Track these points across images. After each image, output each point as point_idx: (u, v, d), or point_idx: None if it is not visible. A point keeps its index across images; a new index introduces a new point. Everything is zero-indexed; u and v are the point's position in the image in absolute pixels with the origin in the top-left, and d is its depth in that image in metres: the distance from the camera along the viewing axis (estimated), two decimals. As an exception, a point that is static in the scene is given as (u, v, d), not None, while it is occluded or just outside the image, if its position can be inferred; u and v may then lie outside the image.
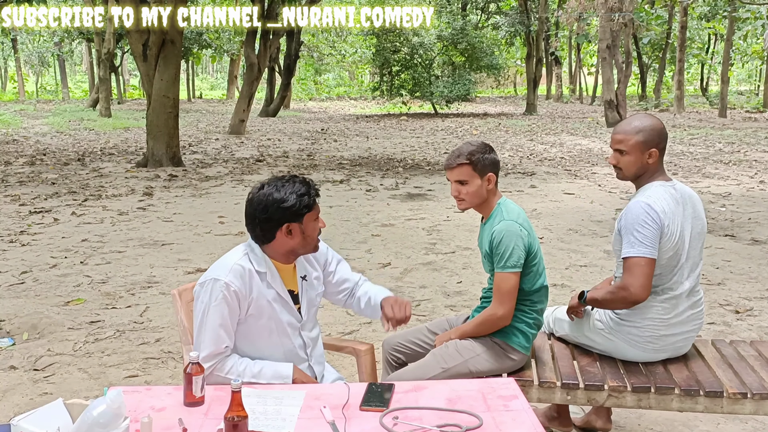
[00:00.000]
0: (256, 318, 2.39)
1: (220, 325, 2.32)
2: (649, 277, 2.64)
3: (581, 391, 2.70)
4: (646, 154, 2.74)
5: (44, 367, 4.06)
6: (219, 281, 2.32)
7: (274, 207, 2.32)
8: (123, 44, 31.03)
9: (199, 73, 57.86)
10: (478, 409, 2.05)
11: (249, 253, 2.41)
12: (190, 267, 6.08)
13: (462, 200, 2.78)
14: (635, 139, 2.73)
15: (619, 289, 2.68)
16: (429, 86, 28.26)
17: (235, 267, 2.35)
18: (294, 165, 13.18)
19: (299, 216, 2.34)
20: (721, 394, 2.63)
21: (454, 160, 2.74)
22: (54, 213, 8.44)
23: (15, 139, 17.28)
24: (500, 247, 2.65)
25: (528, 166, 12.95)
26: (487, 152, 2.75)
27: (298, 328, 2.49)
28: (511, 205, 2.78)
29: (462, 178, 2.73)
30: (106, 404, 1.60)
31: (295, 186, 2.35)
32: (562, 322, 3.07)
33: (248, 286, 2.35)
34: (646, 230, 2.63)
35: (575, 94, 42.06)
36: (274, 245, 2.39)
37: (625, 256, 2.66)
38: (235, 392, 1.84)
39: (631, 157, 2.75)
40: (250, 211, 2.38)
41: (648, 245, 2.63)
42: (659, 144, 2.75)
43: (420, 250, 6.73)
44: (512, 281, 2.66)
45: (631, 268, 2.64)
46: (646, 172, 2.78)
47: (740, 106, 31.22)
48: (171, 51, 12.28)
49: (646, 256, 2.62)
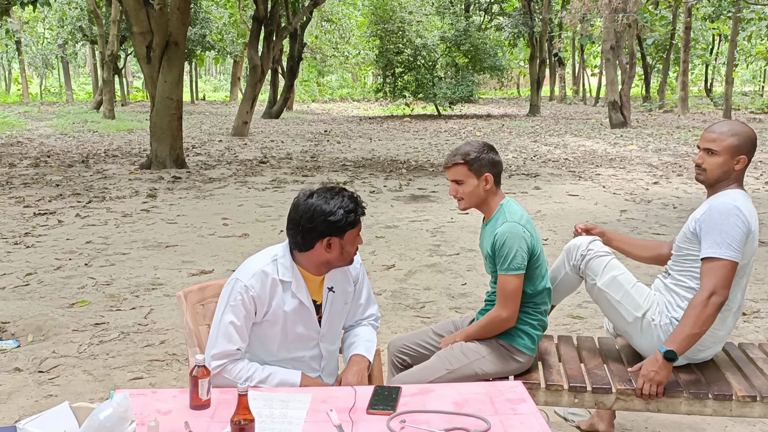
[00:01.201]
0: (272, 324, 2.39)
1: (234, 326, 2.33)
2: (731, 280, 2.52)
3: (589, 394, 2.68)
4: (735, 159, 2.62)
5: (49, 369, 4.06)
6: (240, 283, 2.33)
7: (320, 219, 2.30)
8: (126, 46, 31.10)
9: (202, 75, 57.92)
10: (485, 412, 2.04)
11: (278, 260, 2.39)
12: (194, 269, 6.08)
13: (460, 200, 2.77)
14: (729, 141, 2.62)
15: (706, 298, 2.49)
16: (432, 88, 28.25)
17: (259, 273, 2.35)
18: (297, 167, 13.18)
19: (342, 231, 2.32)
20: (730, 397, 2.61)
21: (451, 159, 2.74)
22: (58, 215, 8.45)
23: (19, 141, 17.31)
24: (503, 249, 2.64)
25: (532, 168, 12.93)
26: (485, 152, 2.72)
27: (317, 339, 2.48)
28: (514, 206, 2.76)
29: (457, 177, 2.73)
30: (113, 408, 1.59)
31: (344, 201, 2.32)
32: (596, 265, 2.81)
33: (269, 293, 2.35)
34: (734, 232, 2.51)
35: (579, 95, 42.01)
36: (310, 255, 2.37)
37: (709, 256, 2.52)
38: (242, 395, 1.83)
39: (719, 159, 2.62)
40: (294, 217, 2.35)
41: (736, 249, 2.51)
42: (750, 153, 2.65)
43: (424, 252, 6.71)
44: (516, 283, 2.65)
45: (717, 271, 2.50)
46: (728, 179, 2.65)
47: (744, 107, 31.14)
48: (174, 53, 12.28)
49: (733, 260, 2.51)
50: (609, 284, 2.79)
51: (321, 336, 2.49)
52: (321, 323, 2.48)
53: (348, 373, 2.46)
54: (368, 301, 2.68)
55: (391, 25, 27.81)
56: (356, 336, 2.62)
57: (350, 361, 2.52)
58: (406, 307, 5.15)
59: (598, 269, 2.82)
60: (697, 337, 2.56)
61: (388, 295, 5.40)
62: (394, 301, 5.28)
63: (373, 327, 2.69)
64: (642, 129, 21.14)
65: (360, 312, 2.67)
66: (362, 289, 2.65)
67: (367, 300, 2.68)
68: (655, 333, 2.73)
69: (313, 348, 2.48)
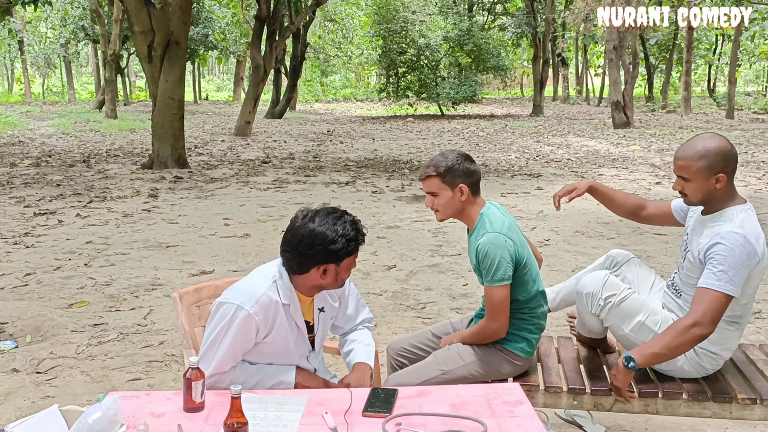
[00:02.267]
0: (270, 345, 2.37)
1: (234, 351, 2.30)
2: (722, 315, 2.46)
3: (588, 396, 2.66)
4: (712, 180, 2.51)
5: (47, 370, 4.04)
6: (243, 311, 2.25)
7: (320, 247, 2.24)
8: (129, 46, 31.11)
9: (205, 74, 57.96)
10: (482, 414, 2.01)
11: (277, 282, 2.33)
12: (194, 269, 6.06)
13: (436, 211, 2.73)
14: (698, 166, 2.50)
15: (689, 326, 2.41)
16: (435, 87, 28.22)
17: (262, 298, 2.28)
18: (300, 167, 13.16)
19: (340, 259, 2.28)
20: (730, 400, 2.58)
21: (424, 171, 2.69)
22: (59, 215, 8.44)
23: (21, 141, 17.33)
24: (486, 260, 2.58)
25: (534, 168, 12.90)
26: (458, 163, 2.65)
27: (306, 357, 2.48)
28: (494, 214, 2.68)
29: (431, 189, 2.68)
30: (102, 411, 1.57)
31: (346, 228, 2.25)
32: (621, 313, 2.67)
33: (271, 319, 2.31)
34: (740, 267, 2.42)
35: (582, 95, 41.94)
36: (304, 278, 2.32)
37: (707, 286, 2.43)
38: (235, 398, 1.81)
39: (695, 185, 2.53)
40: (292, 240, 2.27)
41: (736, 284, 2.42)
42: (726, 167, 2.50)
43: (425, 252, 6.69)
44: (502, 294, 2.60)
45: (709, 302, 2.41)
46: (715, 198, 2.56)
47: (748, 107, 31.05)
48: (176, 52, 12.28)
49: (730, 294, 2.43)
50: (638, 331, 2.68)
51: (312, 353, 2.49)
52: (314, 343, 2.48)
53: (351, 377, 2.45)
54: (357, 310, 2.65)
55: (394, 25, 27.78)
56: (354, 341, 2.59)
57: (354, 368, 2.50)
58: (407, 307, 5.13)
59: (622, 318, 2.68)
60: (663, 359, 2.50)
61: (389, 296, 5.38)
62: (395, 301, 5.26)
63: (368, 329, 2.68)
64: (645, 129, 21.09)
65: (351, 322, 2.65)
66: (349, 300, 2.61)
67: (356, 309, 2.65)
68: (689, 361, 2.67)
69: (305, 364, 2.48)
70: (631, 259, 3.05)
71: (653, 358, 2.48)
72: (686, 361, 2.65)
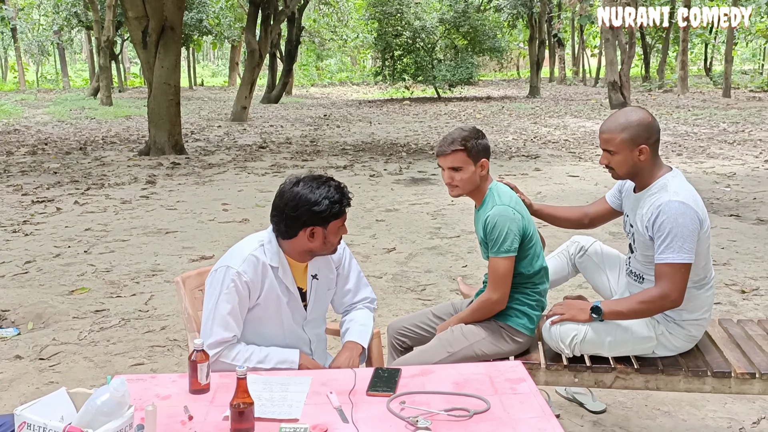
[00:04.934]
0: (263, 308, 2.39)
1: (230, 313, 2.32)
2: (687, 282, 2.52)
3: (588, 373, 2.68)
4: (635, 152, 2.57)
5: (50, 356, 4.06)
6: (231, 269, 2.32)
7: (304, 208, 2.29)
8: (122, 32, 30.90)
9: (200, 60, 57.66)
10: (485, 392, 2.04)
11: (265, 245, 2.38)
12: (194, 255, 6.07)
13: (455, 187, 2.74)
14: (621, 138, 2.57)
15: (658, 299, 2.50)
16: (431, 70, 28.10)
17: (249, 257, 2.34)
18: (297, 151, 13.14)
19: (326, 221, 2.31)
20: (729, 375, 2.61)
21: (448, 146, 2.69)
22: (57, 202, 8.44)
23: (16, 129, 17.26)
24: (494, 232, 2.62)
25: (532, 149, 12.89)
26: (480, 137, 2.71)
27: (302, 325, 2.49)
28: (502, 188, 2.75)
29: (456, 164, 2.69)
30: (110, 393, 1.58)
31: (330, 191, 2.30)
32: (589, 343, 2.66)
33: (260, 277, 2.35)
34: (687, 233, 2.47)
35: (578, 76, 41.79)
36: (294, 243, 2.36)
37: (665, 262, 2.48)
38: (241, 379, 1.83)
39: (620, 157, 2.59)
40: (279, 204, 2.34)
41: (689, 250, 2.47)
42: (648, 139, 2.57)
43: (425, 235, 6.71)
44: (506, 266, 2.63)
45: (673, 275, 2.48)
46: (641, 171, 2.62)
47: (744, 85, 31.02)
48: (171, 38, 12.20)
49: (687, 262, 2.48)
50: (615, 349, 2.67)
51: (306, 322, 2.50)
52: (307, 310, 2.49)
53: (339, 359, 2.46)
54: (358, 285, 2.66)
55: (389, 8, 27.61)
56: (351, 321, 2.61)
57: (343, 347, 2.51)
58: (407, 289, 5.15)
59: (595, 347, 2.67)
60: (625, 318, 2.61)
61: (389, 278, 5.40)
62: (395, 284, 5.28)
63: (369, 310, 2.68)
64: (642, 109, 21.04)
65: (350, 297, 2.65)
66: (349, 274, 2.63)
67: (357, 284, 2.65)
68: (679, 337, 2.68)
69: (301, 332, 2.49)
70: (594, 243, 3.12)
71: (616, 317, 2.61)
72: (675, 338, 2.68)
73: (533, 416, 1.91)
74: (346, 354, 2.46)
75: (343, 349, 2.50)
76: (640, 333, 2.67)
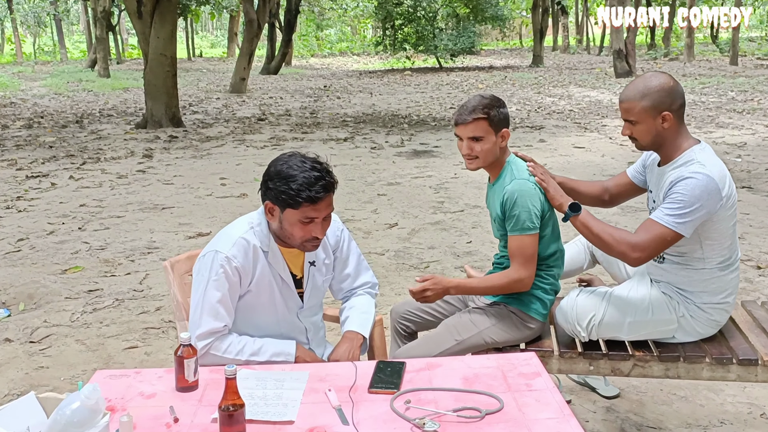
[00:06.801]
0: (255, 295, 2.22)
1: (220, 301, 2.15)
2: (659, 252, 2.37)
3: (605, 361, 2.52)
4: (658, 119, 2.38)
5: (40, 339, 3.92)
6: (220, 254, 2.14)
7: (277, 178, 2.09)
8: (119, 2, 30.38)
9: (198, 31, 56.94)
10: (497, 389, 1.87)
11: (254, 228, 2.21)
12: (191, 231, 5.90)
13: (475, 158, 2.53)
14: (642, 106, 2.38)
15: (625, 245, 2.35)
16: (433, 40, 27.67)
17: (239, 241, 2.17)
18: (297, 123, 12.90)
19: (283, 204, 2.09)
20: (756, 362, 2.44)
21: (469, 114, 2.47)
22: (51, 177, 8.25)
23: (12, 102, 17.00)
24: (515, 208, 2.43)
25: (536, 120, 12.64)
26: (501, 105, 2.51)
27: (297, 313, 2.32)
28: (519, 162, 2.56)
29: (477, 134, 2.48)
30: (81, 401, 1.41)
31: (310, 174, 2.06)
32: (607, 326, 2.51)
33: (252, 262, 2.17)
34: (696, 207, 2.29)
35: (582, 44, 41.21)
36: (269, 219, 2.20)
37: (656, 219, 2.33)
38: (230, 379, 1.66)
39: (642, 126, 2.40)
40: (266, 173, 2.16)
41: (688, 224, 2.30)
42: (672, 105, 2.38)
43: (427, 209, 6.52)
44: (533, 243, 2.45)
45: (655, 236, 2.31)
46: (666, 140, 2.42)
47: (751, 53, 30.50)
48: (166, 7, 11.90)
49: (679, 233, 2.31)
50: (634, 330, 2.51)
51: (302, 310, 2.33)
52: (303, 299, 2.31)
53: (338, 351, 2.29)
54: (358, 270, 2.48)
55: (389, -25, 27.12)
56: (351, 309, 2.43)
57: (343, 338, 2.34)
58: (410, 267, 4.99)
59: (612, 330, 2.52)
60: (588, 234, 2.44)
61: (392, 255, 5.23)
62: (397, 261, 5.11)
63: (370, 295, 2.50)
64: (647, 78, 20.70)
65: (350, 282, 2.47)
66: (348, 257, 2.45)
67: (357, 268, 2.47)
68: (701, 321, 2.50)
69: (296, 322, 2.32)
70: None
71: (584, 229, 2.45)
72: (696, 322, 2.51)
73: (551, 416, 1.74)
74: (346, 345, 2.29)
75: (342, 340, 2.33)
76: (662, 314, 2.49)
